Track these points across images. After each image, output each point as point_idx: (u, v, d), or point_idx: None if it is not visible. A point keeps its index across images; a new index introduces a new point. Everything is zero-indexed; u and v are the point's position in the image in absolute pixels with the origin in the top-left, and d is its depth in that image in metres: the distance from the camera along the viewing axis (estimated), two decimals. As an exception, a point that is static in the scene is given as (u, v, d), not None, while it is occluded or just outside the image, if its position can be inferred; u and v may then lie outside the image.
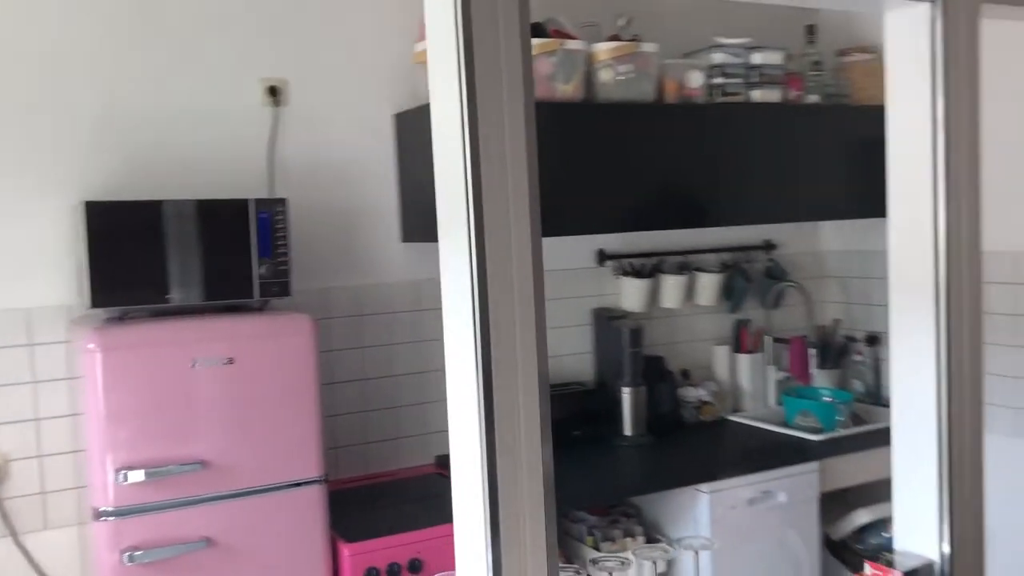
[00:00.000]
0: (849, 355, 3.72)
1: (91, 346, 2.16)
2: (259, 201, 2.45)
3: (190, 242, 2.38)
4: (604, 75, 2.96)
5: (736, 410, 3.56)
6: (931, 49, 1.68)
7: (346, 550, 2.40)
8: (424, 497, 2.90)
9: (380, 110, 3.02)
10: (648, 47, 3.01)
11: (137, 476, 2.15)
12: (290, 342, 2.34)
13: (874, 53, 3.53)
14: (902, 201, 1.79)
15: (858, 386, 3.67)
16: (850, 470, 3.16)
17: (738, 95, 3.20)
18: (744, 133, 3.20)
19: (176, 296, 2.35)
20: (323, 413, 2.43)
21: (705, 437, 3.30)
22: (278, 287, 2.47)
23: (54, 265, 2.57)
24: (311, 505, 2.37)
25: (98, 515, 2.17)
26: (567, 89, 2.89)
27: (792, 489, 3.02)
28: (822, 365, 3.63)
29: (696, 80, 3.13)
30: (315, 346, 2.37)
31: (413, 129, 2.97)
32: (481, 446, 1.34)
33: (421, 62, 2.85)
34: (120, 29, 2.65)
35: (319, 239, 2.93)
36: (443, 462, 3.11)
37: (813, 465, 3.06)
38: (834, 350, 3.69)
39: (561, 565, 2.81)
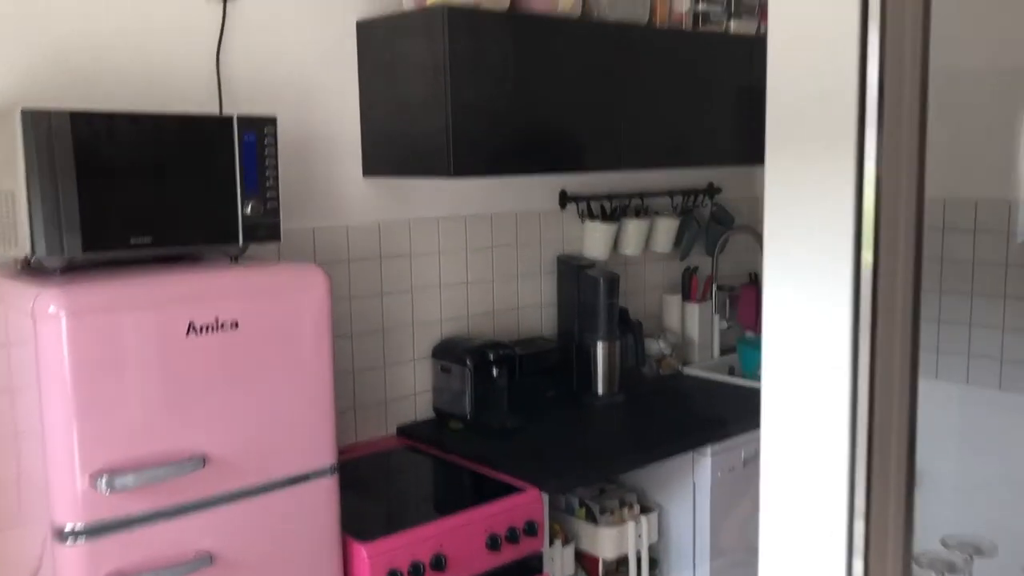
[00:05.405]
0: (787, 303, 3.63)
1: (52, 309, 1.57)
2: (243, 120, 1.91)
3: (159, 170, 1.81)
4: (602, -9, 2.61)
5: (685, 363, 3.38)
6: None
7: (363, 551, 1.96)
8: (410, 477, 2.49)
9: (342, 16, 2.49)
10: (645, -38, 2.68)
11: (125, 482, 1.61)
12: (303, 301, 1.85)
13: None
14: None
15: (796, 335, 3.60)
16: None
17: (719, 24, 2.95)
18: (720, 67, 2.96)
19: (141, 240, 1.79)
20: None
21: (674, 393, 3.09)
22: (266, 230, 1.95)
23: (-63, 197, 1.90)
24: (324, 500, 1.91)
25: (64, 536, 1.61)
26: (566, 3, 2.52)
27: (778, 446, 2.88)
28: (768, 314, 3.51)
29: (684, 4, 2.85)
30: (329, 305, 1.89)
31: (380, 42, 2.48)
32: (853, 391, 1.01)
33: (404, -41, 2.36)
34: None
35: (270, 171, 2.38)
36: (407, 433, 2.70)
37: (797, 420, 2.93)
38: (775, 298, 3.59)
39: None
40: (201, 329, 1.70)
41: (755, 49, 3.05)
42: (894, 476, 1.04)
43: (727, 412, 2.84)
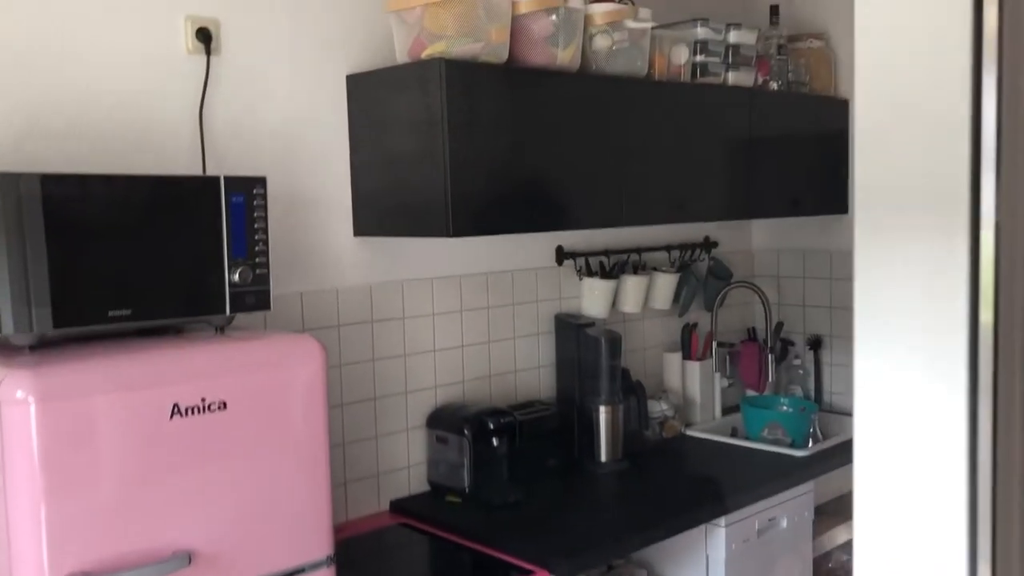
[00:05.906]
0: (788, 359, 3.52)
1: (19, 393, 1.41)
2: (231, 180, 1.77)
3: (138, 236, 1.66)
4: (600, 42, 2.51)
5: (687, 424, 3.24)
6: None
7: (363, 650, 1.80)
8: (407, 559, 2.32)
9: (332, 69, 2.38)
10: (643, 13, 2.59)
11: (100, 586, 1.44)
12: (296, 376, 1.70)
13: (823, 41, 3.35)
14: None
15: (798, 392, 3.48)
16: (833, 485, 2.93)
17: (717, 76, 2.87)
18: (719, 119, 2.88)
19: (120, 312, 1.63)
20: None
21: (680, 459, 2.95)
22: (255, 298, 1.81)
23: None
24: (321, 596, 1.74)
25: (30, 649, 1.43)
26: (565, 56, 2.42)
27: (791, 512, 2.74)
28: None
29: (683, 56, 2.76)
30: (325, 380, 1.74)
31: (372, 96, 2.36)
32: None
33: (397, 9, 2.26)
34: (-7, -71, 1.85)
35: (256, 232, 2.24)
36: (401, 508, 2.53)
37: (810, 485, 2.80)
38: (775, 355, 3.47)
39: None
40: (186, 411, 1.55)
41: (754, 100, 2.97)
42: (1016, 553, 0.91)
43: (736, 478, 2.70)
